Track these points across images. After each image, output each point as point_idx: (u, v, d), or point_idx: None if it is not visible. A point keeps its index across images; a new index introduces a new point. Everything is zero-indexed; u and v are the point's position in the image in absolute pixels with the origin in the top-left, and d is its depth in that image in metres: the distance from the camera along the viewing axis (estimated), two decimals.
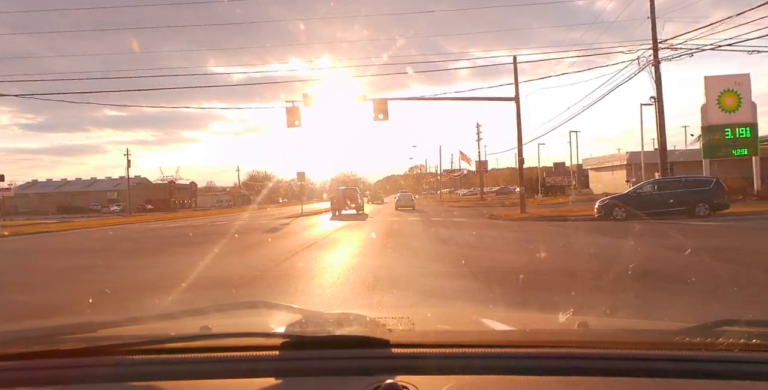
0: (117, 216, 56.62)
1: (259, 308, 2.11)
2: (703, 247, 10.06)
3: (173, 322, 2.05)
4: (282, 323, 1.69)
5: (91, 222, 37.69)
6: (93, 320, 1.85)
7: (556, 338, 1.56)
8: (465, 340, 1.50)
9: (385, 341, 1.38)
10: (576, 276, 7.12)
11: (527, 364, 1.29)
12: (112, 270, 10.08)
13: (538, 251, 10.29)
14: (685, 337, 1.43)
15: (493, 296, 5.96)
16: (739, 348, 1.31)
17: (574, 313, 2.36)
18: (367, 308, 5.85)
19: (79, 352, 1.40)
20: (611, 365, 1.28)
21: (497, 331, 1.90)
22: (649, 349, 1.35)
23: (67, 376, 1.33)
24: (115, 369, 1.35)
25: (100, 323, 1.72)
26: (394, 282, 7.31)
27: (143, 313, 4.16)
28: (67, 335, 1.62)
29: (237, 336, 1.49)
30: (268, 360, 1.36)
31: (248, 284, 7.49)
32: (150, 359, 1.38)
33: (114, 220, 39.76)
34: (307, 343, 1.41)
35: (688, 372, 1.25)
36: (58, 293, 7.57)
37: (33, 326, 2.82)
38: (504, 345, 1.42)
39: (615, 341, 1.46)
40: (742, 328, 1.54)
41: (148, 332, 1.72)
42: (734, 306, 5.26)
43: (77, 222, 38.52)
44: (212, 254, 11.86)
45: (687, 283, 6.53)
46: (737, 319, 1.62)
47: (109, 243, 17.95)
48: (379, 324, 1.70)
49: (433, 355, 1.34)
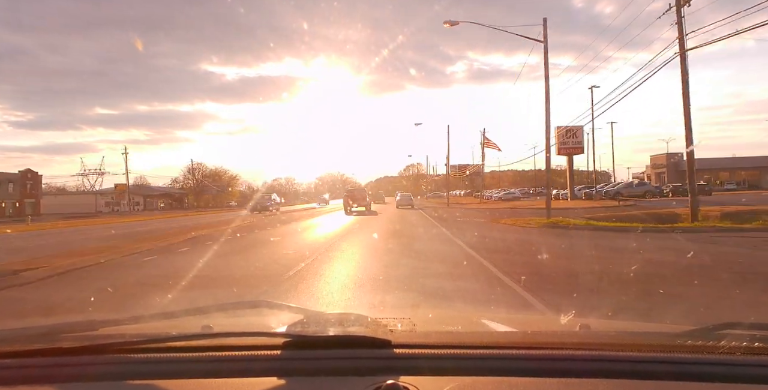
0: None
1: (261, 307, 2.11)
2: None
3: (175, 321, 2.05)
4: (283, 323, 1.69)
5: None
6: (95, 319, 1.85)
7: (558, 340, 1.56)
8: (466, 341, 1.50)
9: (386, 342, 1.38)
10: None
11: (528, 366, 1.29)
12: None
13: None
14: (687, 339, 1.42)
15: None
16: (741, 351, 1.31)
17: (576, 315, 2.35)
18: (371, 303, 5.85)
19: (80, 350, 1.41)
20: (612, 367, 1.27)
21: (498, 332, 1.90)
22: (651, 352, 1.34)
23: (69, 374, 1.33)
24: (116, 367, 1.35)
25: (101, 322, 1.73)
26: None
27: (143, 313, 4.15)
28: (68, 333, 1.63)
29: (238, 335, 1.49)
30: (270, 359, 1.36)
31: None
32: (151, 358, 1.38)
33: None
34: (308, 343, 1.41)
35: (690, 375, 1.24)
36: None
37: (34, 324, 2.82)
38: (505, 346, 1.41)
39: (616, 343, 1.46)
40: (744, 332, 1.54)
41: (150, 331, 1.73)
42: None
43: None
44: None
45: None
46: (739, 322, 1.62)
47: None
48: (381, 324, 1.70)
49: (435, 356, 1.34)
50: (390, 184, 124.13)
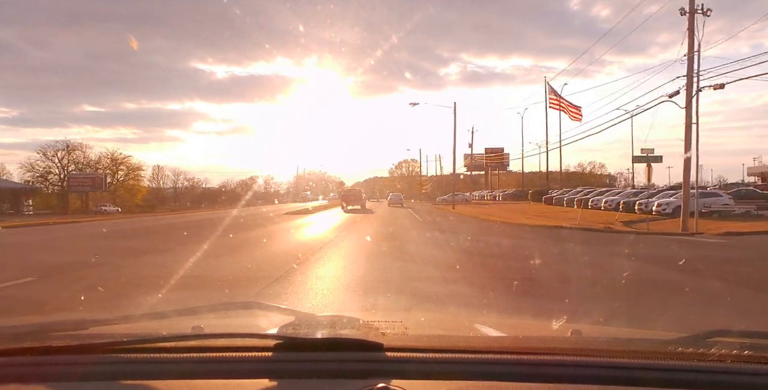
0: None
1: (252, 308, 2.11)
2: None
3: (165, 321, 2.04)
4: (274, 324, 1.69)
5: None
6: (85, 318, 1.85)
7: (549, 345, 1.56)
8: (458, 345, 1.50)
9: (378, 345, 1.37)
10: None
11: (520, 371, 1.29)
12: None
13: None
14: (678, 346, 1.43)
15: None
16: (731, 359, 1.31)
17: (568, 321, 2.36)
18: (361, 308, 5.85)
19: (70, 350, 1.40)
20: (604, 373, 1.28)
21: (490, 337, 1.90)
22: (642, 359, 1.35)
23: (58, 373, 1.33)
24: (105, 367, 1.34)
25: (92, 321, 1.72)
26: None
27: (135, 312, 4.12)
28: (58, 332, 1.62)
29: (229, 336, 1.48)
30: (260, 361, 1.35)
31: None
32: (141, 358, 1.37)
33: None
34: (300, 345, 1.41)
35: (680, 382, 1.25)
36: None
37: (24, 322, 2.81)
38: (497, 351, 1.41)
39: (608, 350, 1.47)
40: (734, 339, 1.55)
41: (140, 331, 1.72)
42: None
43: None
44: None
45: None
46: (730, 329, 1.63)
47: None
48: (373, 327, 1.70)
49: (426, 360, 1.34)
50: (379, 183, 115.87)
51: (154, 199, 69.74)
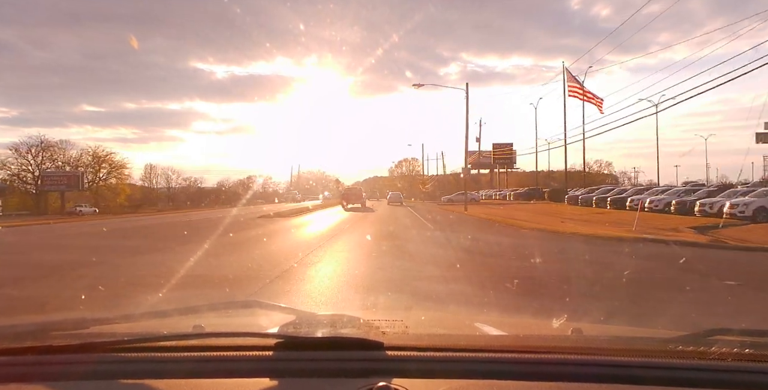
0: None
1: (253, 307, 2.11)
2: None
3: (166, 320, 2.04)
4: (275, 323, 1.69)
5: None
6: (86, 317, 1.85)
7: (550, 344, 1.56)
8: (459, 344, 1.50)
9: (379, 344, 1.38)
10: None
11: (520, 370, 1.29)
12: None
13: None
14: (679, 345, 1.43)
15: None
16: (732, 357, 1.31)
17: (568, 319, 2.36)
18: (362, 307, 5.85)
19: (70, 349, 1.40)
20: (604, 372, 1.28)
21: (491, 335, 1.90)
22: (642, 357, 1.35)
23: (59, 372, 1.33)
24: (106, 366, 1.35)
25: (93, 320, 1.72)
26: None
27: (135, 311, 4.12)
28: (59, 331, 1.62)
29: (230, 335, 1.48)
30: (261, 360, 1.35)
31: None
32: (142, 357, 1.37)
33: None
34: (300, 344, 1.41)
35: (680, 380, 1.25)
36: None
37: (25, 321, 2.81)
38: (497, 350, 1.42)
39: (609, 348, 1.47)
40: (735, 338, 1.55)
41: (141, 330, 1.72)
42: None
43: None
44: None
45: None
46: (730, 328, 1.63)
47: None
48: (373, 326, 1.70)
49: (427, 359, 1.34)
50: (378, 183, 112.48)
51: (144, 198, 65.62)
